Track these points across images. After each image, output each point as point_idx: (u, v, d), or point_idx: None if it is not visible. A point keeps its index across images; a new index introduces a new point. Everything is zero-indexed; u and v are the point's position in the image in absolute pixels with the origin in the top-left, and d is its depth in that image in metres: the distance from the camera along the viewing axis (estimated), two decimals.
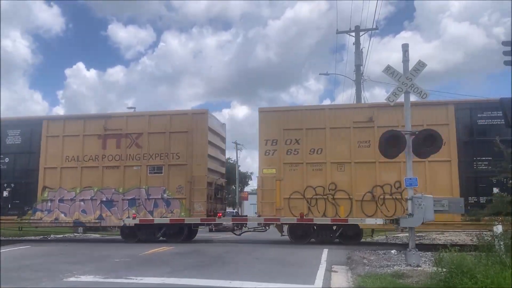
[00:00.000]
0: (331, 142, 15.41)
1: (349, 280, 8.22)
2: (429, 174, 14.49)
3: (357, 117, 15.43)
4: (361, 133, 15.27)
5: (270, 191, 15.51)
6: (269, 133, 15.92)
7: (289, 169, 15.58)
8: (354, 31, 26.29)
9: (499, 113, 13.85)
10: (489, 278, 6.24)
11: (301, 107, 17.15)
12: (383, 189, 14.81)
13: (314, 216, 15.05)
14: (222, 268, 9.73)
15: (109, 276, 8.53)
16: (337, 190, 15.11)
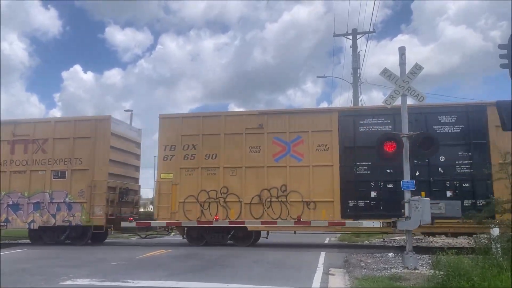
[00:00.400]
0: (225, 148, 15.99)
1: (346, 283, 8.22)
2: (312, 177, 15.18)
3: (249, 123, 16.03)
4: (252, 139, 15.89)
5: (167, 195, 15.95)
6: (168, 139, 16.42)
7: (185, 173, 16.05)
8: (351, 34, 26.36)
9: (380, 120, 15.10)
10: (486, 281, 6.25)
11: (198, 113, 17.64)
12: (270, 193, 15.38)
13: (207, 219, 15.57)
14: (220, 271, 9.72)
15: (106, 279, 8.50)
16: (228, 193, 15.66)
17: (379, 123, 15.17)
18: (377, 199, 14.65)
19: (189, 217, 15.65)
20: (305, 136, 15.50)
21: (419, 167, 14.23)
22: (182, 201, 15.78)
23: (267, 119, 15.96)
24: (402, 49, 10.53)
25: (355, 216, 14.60)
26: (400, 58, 10.46)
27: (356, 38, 26.18)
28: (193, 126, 16.42)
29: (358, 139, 15.19)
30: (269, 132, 15.78)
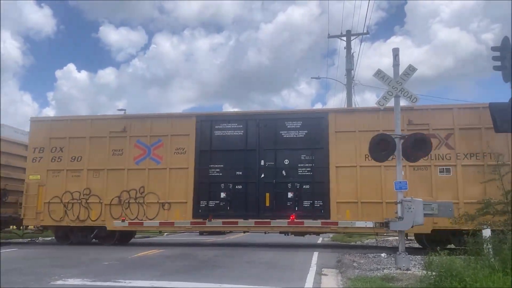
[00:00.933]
0: (90, 150, 16.61)
1: (339, 283, 8.23)
2: (169, 179, 15.99)
3: (113, 127, 16.65)
4: (116, 142, 16.52)
5: (34, 196, 16.44)
6: (37, 141, 16.97)
7: (52, 175, 16.61)
8: (346, 36, 26.48)
9: (234, 125, 16.13)
10: (478, 281, 6.27)
11: (67, 117, 17.99)
12: (129, 194, 16.05)
13: (70, 219, 16.24)
14: (212, 271, 9.68)
15: (98, 279, 8.43)
16: (91, 195, 16.25)
17: (233, 128, 16.16)
18: (226, 200, 15.57)
19: (53, 217, 16.27)
20: (165, 139, 16.30)
21: (265, 169, 15.58)
22: (47, 202, 16.34)
23: (131, 123, 16.69)
24: (396, 50, 10.56)
25: (205, 216, 15.53)
26: (393, 60, 10.48)
27: (350, 40, 26.31)
28: (61, 129, 16.99)
29: (213, 143, 16.12)
30: (132, 135, 16.49)
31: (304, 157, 15.44)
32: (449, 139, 14.61)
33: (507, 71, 11.22)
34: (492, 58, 11.19)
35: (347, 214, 14.69)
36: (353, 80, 26.49)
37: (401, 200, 9.88)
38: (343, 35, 26.72)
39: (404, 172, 13.91)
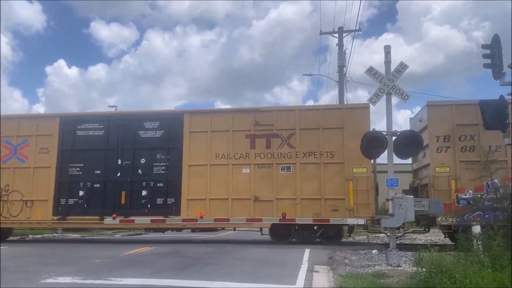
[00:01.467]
0: None
1: (330, 280, 8.24)
2: (33, 178, 16.75)
3: None
4: None
5: None
6: None
7: None
8: (338, 32, 26.49)
9: (95, 125, 16.83)
10: (468, 277, 6.32)
11: None
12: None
13: None
14: (204, 268, 9.66)
15: (88, 277, 8.37)
16: None
17: (94, 128, 16.91)
18: (84, 198, 16.41)
19: None
20: (31, 139, 16.99)
21: (122, 168, 16.41)
22: None
23: (2, 123, 17.22)
24: (388, 47, 10.59)
25: (64, 213, 16.37)
26: (385, 57, 10.50)
27: (342, 37, 26.33)
28: None
29: (75, 143, 16.86)
30: (1, 136, 17.13)
31: (160, 157, 16.30)
32: (291, 139, 15.67)
33: (497, 69, 11.28)
34: (482, 55, 11.24)
35: (197, 211, 15.68)
36: (345, 77, 26.53)
37: (392, 197, 9.93)
38: (335, 32, 26.73)
39: (249, 170, 15.55)
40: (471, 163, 14.09)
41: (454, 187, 14.19)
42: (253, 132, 15.93)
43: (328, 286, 7.67)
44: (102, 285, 7.66)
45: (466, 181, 14.10)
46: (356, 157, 14.24)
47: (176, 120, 16.54)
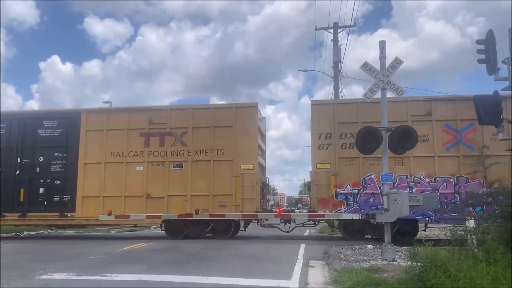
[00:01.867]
0: None
1: (325, 275, 8.29)
2: None
3: None
4: None
5: None
6: None
7: None
8: (333, 28, 26.46)
9: None
10: (462, 271, 6.36)
11: None
12: None
13: None
14: (200, 264, 9.67)
15: (84, 273, 8.36)
16: None
17: None
18: None
19: None
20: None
21: (21, 166, 16.81)
22: None
23: None
24: (382, 43, 10.60)
25: None
26: (380, 52, 10.52)
27: (337, 32, 26.30)
28: None
29: None
30: None
31: (57, 155, 16.75)
32: (183, 137, 16.20)
33: (491, 64, 11.33)
34: (477, 51, 11.28)
35: (91, 209, 16.15)
36: (340, 73, 26.54)
37: (387, 192, 9.97)
38: (330, 27, 26.69)
39: (143, 168, 16.11)
40: (350, 160, 14.97)
41: (333, 182, 14.98)
42: (148, 131, 16.44)
43: (323, 281, 7.71)
44: (98, 281, 7.66)
45: (344, 177, 14.99)
46: (245, 154, 15.59)
47: (74, 119, 16.95)
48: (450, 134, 14.86)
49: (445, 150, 14.72)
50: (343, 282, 7.17)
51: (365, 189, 14.87)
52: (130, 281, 7.64)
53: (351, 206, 14.82)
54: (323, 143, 15.27)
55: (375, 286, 6.81)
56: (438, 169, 14.62)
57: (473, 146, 14.02)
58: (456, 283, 6.20)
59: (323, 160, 15.23)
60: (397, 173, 14.52)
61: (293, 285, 7.24)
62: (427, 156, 14.73)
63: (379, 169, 13.76)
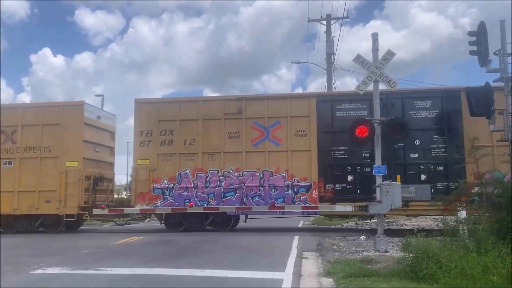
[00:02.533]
0: None
1: (319, 266, 8.36)
2: None
3: None
4: None
5: None
6: None
7: None
8: (325, 20, 26.40)
9: None
10: (453, 262, 6.45)
11: None
12: None
13: None
14: (194, 257, 9.71)
15: (78, 267, 8.36)
16: None
17: None
18: None
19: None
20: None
21: None
22: None
23: None
24: (375, 35, 10.59)
25: None
26: (373, 44, 10.51)
27: (330, 24, 26.25)
28: None
29: None
30: None
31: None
32: (14, 135, 16.65)
33: (483, 56, 11.38)
34: (468, 43, 11.31)
35: None
36: (333, 65, 26.54)
37: (379, 184, 10.03)
38: (323, 19, 26.63)
39: None
40: (168, 156, 15.71)
41: (151, 177, 15.64)
42: None
43: (317, 272, 7.78)
44: (92, 275, 7.67)
45: (162, 172, 15.67)
46: (70, 151, 16.17)
47: None
48: (259, 130, 15.60)
49: (254, 146, 15.52)
50: (336, 274, 7.23)
51: (180, 183, 15.56)
52: (124, 275, 7.66)
53: (166, 200, 15.48)
54: (144, 140, 15.95)
55: (368, 277, 6.89)
56: (246, 164, 15.43)
57: (279, 142, 15.35)
58: (448, 273, 6.29)
59: (144, 156, 15.89)
60: (210, 168, 15.51)
61: (287, 276, 7.29)
62: (237, 151, 15.55)
63: (193, 165, 15.51)
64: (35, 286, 7.04)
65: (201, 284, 6.81)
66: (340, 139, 14.95)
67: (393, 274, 6.95)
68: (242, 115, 15.68)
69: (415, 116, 14.79)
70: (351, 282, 6.61)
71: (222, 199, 15.31)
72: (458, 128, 14.51)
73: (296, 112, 15.54)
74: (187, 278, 7.30)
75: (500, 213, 8.06)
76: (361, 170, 14.86)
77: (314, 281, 7.00)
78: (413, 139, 14.38)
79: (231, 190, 15.37)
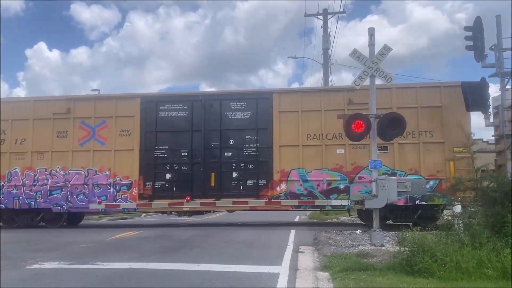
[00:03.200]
0: None
1: (315, 260, 8.40)
2: None
3: None
4: None
5: None
6: None
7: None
8: (322, 14, 26.36)
9: None
10: (448, 256, 6.51)
11: None
12: None
13: None
14: (190, 252, 9.73)
15: (74, 262, 8.37)
16: None
17: None
18: None
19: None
20: None
21: None
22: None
23: None
24: (371, 30, 10.59)
25: None
26: (369, 39, 10.51)
27: (327, 19, 26.23)
28: None
29: None
30: None
31: None
32: None
33: (479, 51, 11.43)
34: (465, 38, 11.37)
35: None
36: (330, 60, 26.54)
37: (375, 178, 10.07)
38: (320, 13, 26.60)
39: None
40: None
41: None
42: None
43: (313, 266, 7.82)
44: (89, 270, 7.67)
45: None
46: None
47: None
48: (86, 130, 16.10)
49: (80, 145, 15.98)
50: (332, 267, 7.27)
51: (10, 181, 15.98)
52: (121, 270, 7.66)
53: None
54: None
55: (364, 271, 6.94)
56: (73, 163, 15.91)
57: (104, 141, 15.85)
58: (443, 267, 6.35)
59: None
60: (39, 166, 15.96)
61: (284, 270, 7.32)
62: (64, 151, 15.98)
63: (23, 163, 16.01)
64: (32, 281, 7.04)
65: (198, 279, 6.83)
66: (162, 138, 15.72)
67: (389, 268, 7.01)
68: (71, 115, 16.14)
69: (230, 117, 15.68)
70: (347, 275, 6.65)
71: (48, 197, 15.76)
72: (268, 128, 15.35)
73: (122, 112, 16.05)
74: (184, 273, 7.32)
75: (495, 207, 8.12)
76: (179, 168, 15.55)
77: (310, 275, 7.03)
78: (228, 139, 15.51)
79: (57, 188, 15.80)
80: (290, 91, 16.68)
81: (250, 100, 15.70)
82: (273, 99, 15.45)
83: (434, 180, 13.92)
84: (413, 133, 14.24)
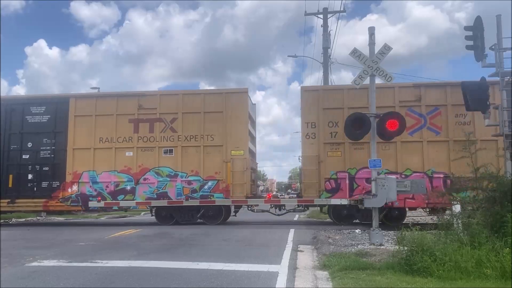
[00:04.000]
0: None
1: (314, 259, 8.41)
2: None
3: None
4: None
5: None
6: None
7: None
8: (322, 13, 26.32)
9: None
10: (447, 255, 6.51)
11: None
12: None
13: None
14: (189, 250, 9.73)
15: (74, 260, 8.37)
16: None
17: None
18: None
19: None
20: None
21: None
22: None
23: None
24: (372, 29, 10.59)
25: None
26: (369, 38, 10.51)
27: (327, 18, 26.16)
28: None
29: None
30: None
31: None
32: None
33: (479, 51, 11.41)
34: (465, 37, 11.33)
35: None
36: (329, 59, 26.50)
37: (375, 177, 10.07)
38: (320, 12, 26.53)
39: None
40: None
41: None
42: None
43: (312, 265, 7.82)
44: (88, 267, 7.67)
45: None
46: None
47: None
48: None
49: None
50: (331, 266, 7.28)
51: None
52: (120, 267, 7.67)
53: None
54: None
55: (363, 270, 6.94)
56: None
57: None
58: (442, 266, 6.35)
59: None
60: None
61: (283, 269, 7.33)
62: None
63: None
64: (31, 278, 7.04)
65: (197, 277, 6.83)
66: None
67: (388, 267, 7.01)
68: None
69: (30, 121, 16.68)
70: (346, 274, 6.66)
71: None
72: (64, 132, 16.46)
73: None
74: (183, 271, 7.32)
75: (494, 207, 8.11)
76: None
77: (309, 274, 7.04)
78: (27, 142, 16.58)
79: None
80: (87, 96, 17.85)
81: (50, 104, 16.79)
82: (70, 103, 16.62)
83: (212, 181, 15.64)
84: (196, 137, 15.99)
